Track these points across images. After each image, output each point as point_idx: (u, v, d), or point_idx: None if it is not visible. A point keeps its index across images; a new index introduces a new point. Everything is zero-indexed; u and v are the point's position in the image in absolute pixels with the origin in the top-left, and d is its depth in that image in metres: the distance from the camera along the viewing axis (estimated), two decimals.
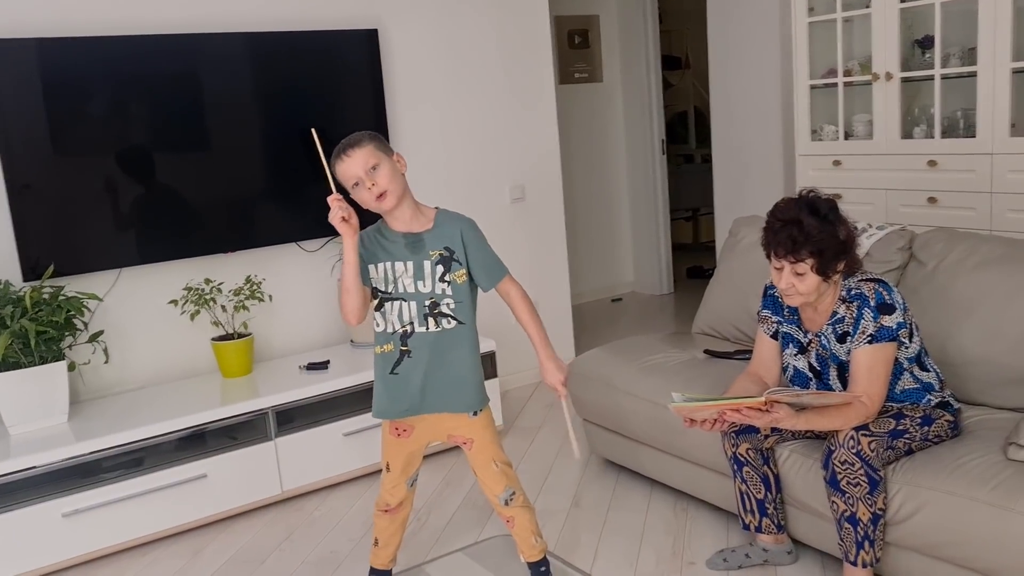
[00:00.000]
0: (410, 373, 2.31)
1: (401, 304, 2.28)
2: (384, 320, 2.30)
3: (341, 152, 2.23)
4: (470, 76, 4.27)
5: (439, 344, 2.29)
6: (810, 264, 2.26)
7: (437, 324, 2.29)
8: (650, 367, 3.19)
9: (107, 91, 3.29)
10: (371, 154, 2.22)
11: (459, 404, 2.36)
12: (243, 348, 3.53)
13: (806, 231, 2.23)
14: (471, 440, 2.40)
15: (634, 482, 3.31)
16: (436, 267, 2.28)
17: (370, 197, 2.21)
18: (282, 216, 3.73)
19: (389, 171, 2.22)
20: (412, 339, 2.29)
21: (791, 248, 2.25)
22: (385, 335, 2.31)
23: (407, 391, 2.32)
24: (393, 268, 2.28)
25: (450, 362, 2.31)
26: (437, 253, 2.28)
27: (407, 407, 2.34)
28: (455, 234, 2.30)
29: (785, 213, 2.28)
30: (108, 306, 3.41)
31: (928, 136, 3.84)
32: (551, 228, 4.60)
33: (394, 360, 2.31)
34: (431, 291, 2.27)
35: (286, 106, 3.68)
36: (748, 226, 3.66)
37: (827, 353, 2.40)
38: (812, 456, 2.49)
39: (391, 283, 2.28)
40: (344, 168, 2.22)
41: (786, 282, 2.30)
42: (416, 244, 2.28)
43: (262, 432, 3.30)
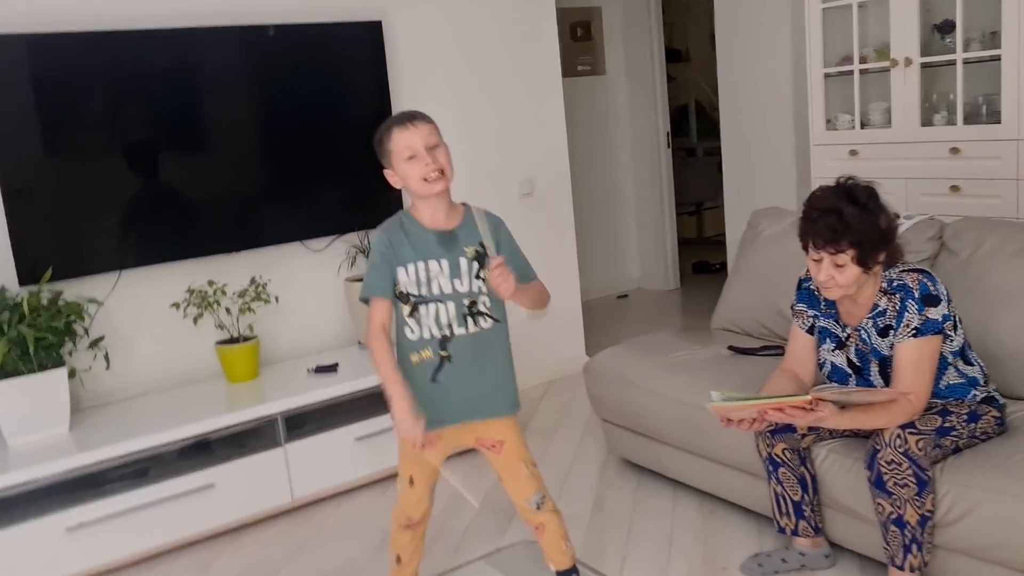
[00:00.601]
0: (452, 379, 2.16)
1: (438, 306, 2.13)
2: (419, 326, 2.15)
3: (405, 120, 2.09)
4: (476, 69, 4.15)
5: (479, 345, 2.17)
6: (851, 255, 2.15)
7: (476, 324, 2.16)
8: (674, 365, 3.08)
9: (102, 88, 3.17)
10: (434, 132, 2.11)
11: (504, 407, 2.24)
12: (249, 352, 3.41)
13: (846, 221, 2.13)
14: (501, 442, 2.26)
15: (657, 484, 3.20)
16: (472, 264, 2.15)
17: (422, 173, 2.06)
18: (287, 215, 3.60)
19: (447, 153, 2.12)
20: (452, 343, 2.15)
21: (831, 238, 2.14)
22: (421, 342, 2.15)
23: (450, 399, 2.17)
24: (427, 268, 2.13)
25: (491, 362, 2.20)
26: (472, 250, 2.15)
27: (451, 416, 2.19)
28: (487, 229, 2.17)
29: (823, 202, 2.17)
30: (108, 310, 3.29)
31: (949, 123, 3.74)
32: (560, 223, 4.48)
33: (434, 367, 2.15)
34: (468, 289, 2.14)
35: (288, 101, 3.55)
36: (768, 218, 3.55)
37: (868, 348, 2.29)
38: (852, 456, 2.38)
39: (424, 285, 2.13)
40: (404, 137, 2.07)
41: (825, 274, 2.19)
42: (450, 241, 2.15)
43: (271, 439, 3.19)
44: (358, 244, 3.71)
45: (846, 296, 2.28)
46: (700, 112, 8.94)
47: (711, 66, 9.04)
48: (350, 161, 3.72)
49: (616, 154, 6.24)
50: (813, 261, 2.23)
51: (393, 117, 2.13)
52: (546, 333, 4.44)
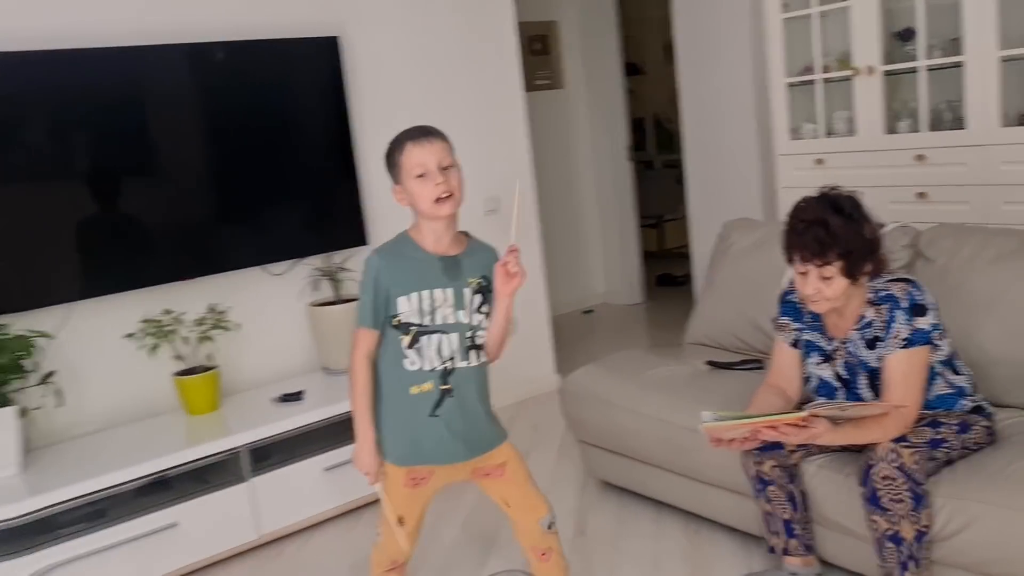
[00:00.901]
0: (452, 414, 2.04)
1: (441, 337, 2.01)
2: (420, 357, 2.01)
3: (420, 135, 1.96)
4: (437, 85, 4.07)
5: (477, 378, 2.07)
6: (838, 267, 2.10)
7: (478, 357, 2.06)
8: (652, 382, 3.00)
9: (44, 111, 3.01)
10: (448, 152, 1.98)
11: (498, 437, 2.14)
12: (209, 382, 3.27)
13: (832, 232, 2.08)
14: (502, 464, 2.14)
15: (639, 505, 3.12)
16: (475, 296, 2.03)
17: (432, 193, 1.93)
18: (245, 239, 3.47)
19: (459, 175, 2.00)
20: (454, 376, 2.03)
21: (818, 251, 2.09)
22: (421, 374, 2.02)
23: (449, 435, 2.05)
24: (432, 297, 1.99)
25: (480, 401, 2.09)
26: (475, 281, 2.03)
27: (450, 453, 2.07)
28: (489, 264, 2.05)
29: (809, 213, 2.12)
30: (60, 344, 3.12)
31: (914, 130, 3.74)
32: (527, 240, 4.40)
33: (434, 401, 2.02)
34: (470, 322, 2.03)
35: (243, 121, 3.43)
36: (739, 230, 3.52)
37: (856, 360, 2.24)
38: (842, 471, 2.32)
39: (428, 314, 2.00)
40: (417, 153, 1.94)
41: (812, 287, 2.14)
42: (454, 269, 2.02)
43: (235, 473, 3.04)
44: (321, 267, 3.59)
45: (832, 308, 2.23)
46: (657, 125, 8.97)
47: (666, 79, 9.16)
48: (309, 182, 3.61)
49: (577, 168, 6.19)
50: (799, 274, 2.17)
51: (407, 130, 2.00)
52: (515, 352, 4.30)
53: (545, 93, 5.91)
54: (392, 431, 2.07)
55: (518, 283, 1.98)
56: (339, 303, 3.53)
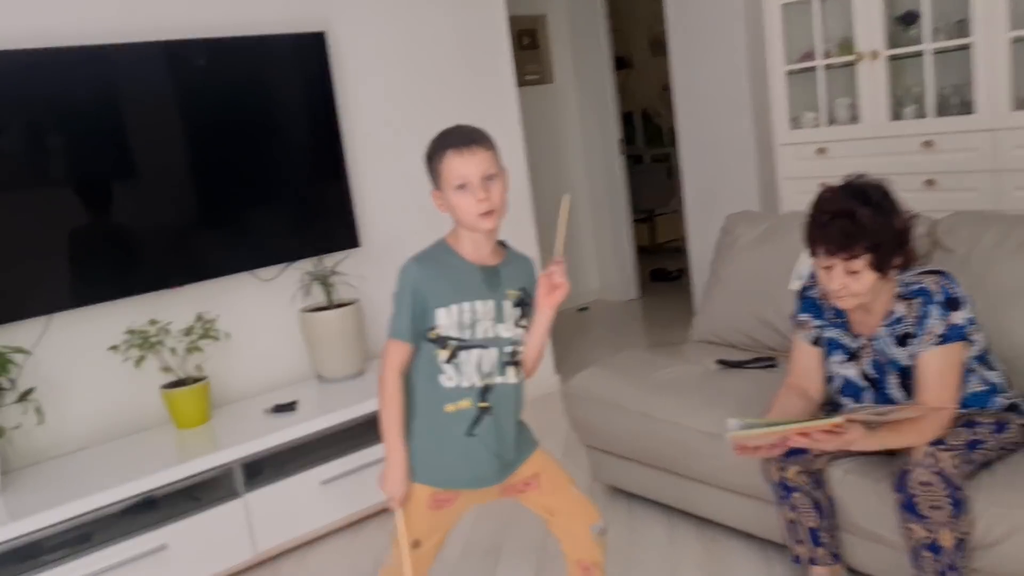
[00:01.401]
0: (488, 434, 1.90)
1: (481, 352, 1.86)
2: (458, 373, 1.87)
3: (462, 144, 1.81)
4: (427, 81, 3.93)
5: (515, 396, 1.94)
6: (866, 260, 1.98)
7: (517, 374, 1.93)
8: (661, 384, 2.88)
9: (14, 113, 2.84)
10: (493, 161, 1.83)
11: (528, 449, 2.01)
12: (198, 394, 3.12)
13: (860, 223, 1.95)
14: (536, 475, 2.00)
15: (650, 511, 3.00)
16: (515, 309, 1.89)
17: (473, 208, 1.79)
18: (232, 243, 3.32)
19: (503, 187, 1.85)
20: (492, 393, 1.89)
21: (844, 244, 1.97)
22: (459, 391, 1.87)
23: (485, 456, 1.91)
24: (473, 309, 1.85)
25: (517, 414, 1.98)
26: (515, 293, 1.89)
27: (484, 476, 1.94)
28: (528, 276, 1.93)
29: (834, 204, 2.00)
30: (39, 358, 2.96)
31: (920, 116, 3.64)
32: (523, 238, 4.27)
33: (471, 419, 1.88)
34: (512, 336, 1.89)
35: (227, 121, 3.28)
36: (744, 223, 3.40)
37: (885, 359, 2.13)
38: (871, 476, 2.21)
39: (468, 328, 1.85)
40: (458, 163, 1.80)
41: (838, 282, 2.02)
42: (493, 280, 1.87)
43: (228, 489, 2.90)
44: (312, 271, 3.45)
45: (859, 304, 2.11)
46: (645, 119, 8.86)
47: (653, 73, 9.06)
48: (298, 183, 3.46)
49: (568, 163, 6.07)
50: (823, 269, 2.05)
51: (450, 134, 1.85)
52: None
53: (535, 88, 5.77)
54: (423, 450, 1.92)
55: (562, 295, 1.86)
56: (332, 308, 3.39)
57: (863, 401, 2.20)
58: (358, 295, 3.55)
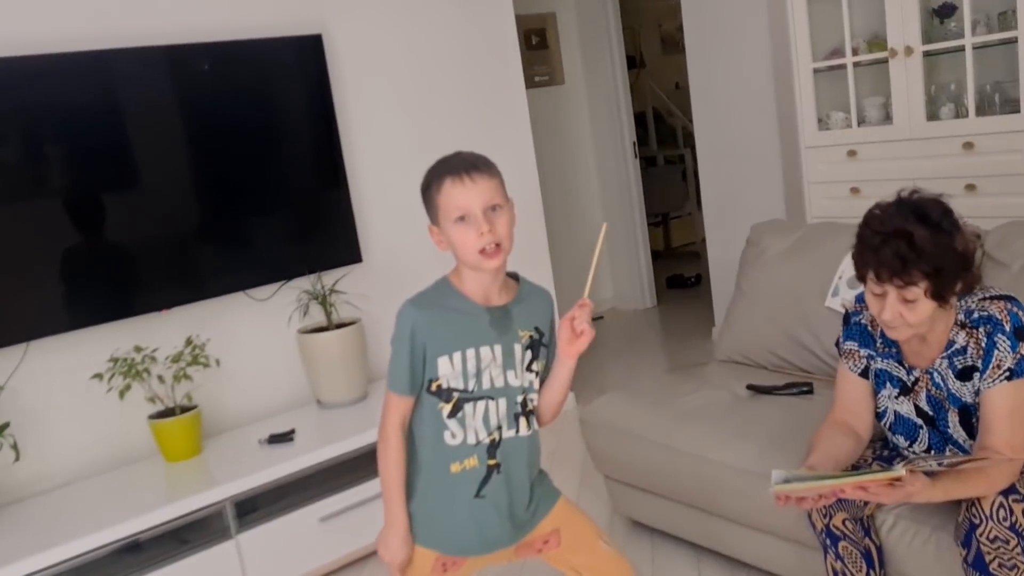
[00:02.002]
0: (499, 493, 1.70)
1: (487, 404, 1.66)
2: (463, 429, 1.67)
3: (462, 171, 1.60)
4: (431, 84, 3.71)
5: (529, 449, 1.74)
6: (923, 288, 1.74)
7: (528, 425, 1.72)
8: (686, 413, 2.66)
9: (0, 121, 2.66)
10: (498, 190, 1.63)
11: (548, 501, 1.81)
12: (188, 425, 2.91)
13: (918, 247, 1.72)
14: (557, 531, 1.80)
15: (674, 548, 2.78)
16: (525, 352, 1.69)
17: (475, 243, 1.59)
18: (224, 261, 3.12)
19: (510, 220, 1.64)
20: (501, 449, 1.69)
21: (899, 269, 1.73)
22: (465, 448, 1.67)
23: (496, 519, 1.71)
24: (478, 356, 1.65)
25: (531, 472, 1.77)
26: (527, 335, 1.70)
27: (495, 539, 1.73)
28: (545, 312, 1.74)
29: (887, 224, 1.76)
30: (14, 389, 2.76)
31: (959, 115, 3.40)
32: (534, 247, 4.05)
33: (479, 479, 1.69)
34: (521, 384, 1.69)
35: (219, 130, 3.07)
36: (771, 233, 3.17)
37: (943, 393, 1.89)
38: (927, 523, 1.98)
39: (473, 378, 1.65)
40: (457, 193, 1.60)
41: (891, 312, 1.78)
42: (503, 321, 1.67)
43: (219, 530, 2.69)
44: (310, 289, 3.23)
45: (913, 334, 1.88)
46: (657, 119, 8.61)
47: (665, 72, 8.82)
48: (295, 193, 3.25)
49: (581, 167, 5.84)
50: (874, 296, 1.82)
51: (448, 161, 1.65)
52: None
53: (545, 90, 5.54)
54: (427, 512, 1.72)
55: (585, 343, 1.64)
56: (332, 329, 3.17)
57: (918, 440, 1.97)
58: (360, 314, 3.33)
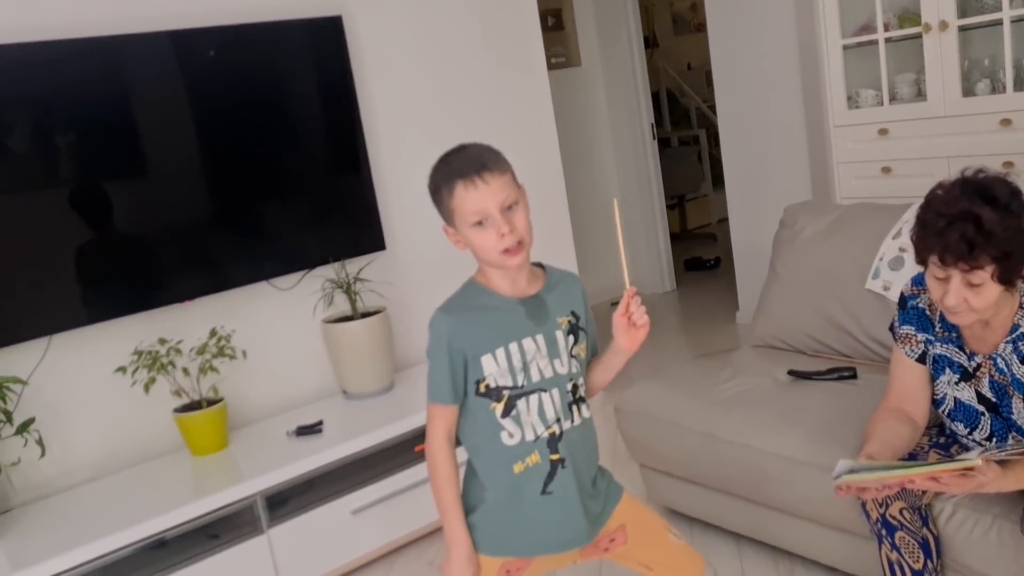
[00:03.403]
0: (568, 488, 1.62)
1: (540, 397, 1.60)
2: (520, 427, 1.60)
3: (473, 174, 1.53)
4: (452, 66, 3.63)
5: (585, 440, 1.67)
6: (990, 272, 1.67)
7: (580, 413, 1.65)
8: (726, 400, 2.59)
9: (8, 111, 2.59)
10: (510, 186, 1.56)
11: (616, 494, 1.75)
12: (215, 418, 2.85)
13: (986, 229, 1.65)
14: (623, 526, 1.74)
15: (714, 537, 2.72)
16: (568, 338, 1.63)
17: (496, 245, 1.54)
18: (247, 251, 3.05)
19: (526, 213, 1.58)
20: (563, 441, 1.61)
21: (966, 253, 1.66)
22: (525, 445, 1.61)
23: (566, 515, 1.64)
24: (521, 350, 1.59)
25: (593, 463, 1.71)
26: (565, 320, 1.64)
27: (570, 537, 1.66)
28: (576, 297, 1.68)
29: (952, 205, 1.69)
30: (38, 385, 2.70)
31: (995, 91, 3.31)
32: (557, 232, 3.98)
33: (544, 475, 1.61)
34: (569, 370, 1.63)
35: (238, 116, 3.00)
36: (806, 214, 3.09)
37: (1007, 378, 1.83)
38: (989, 512, 1.92)
39: (521, 372, 1.59)
40: (472, 199, 1.53)
41: (956, 297, 1.71)
42: (539, 311, 1.62)
43: (250, 524, 2.64)
44: (334, 278, 3.17)
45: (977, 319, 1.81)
46: (670, 100, 8.51)
47: (677, 52, 8.71)
48: (316, 180, 3.19)
49: (598, 149, 5.75)
50: (936, 280, 1.75)
51: (454, 162, 1.58)
52: None
53: (561, 72, 5.45)
54: (495, 521, 1.65)
55: (644, 334, 1.59)
56: (357, 318, 3.11)
57: (979, 427, 1.90)
58: (385, 303, 3.27)
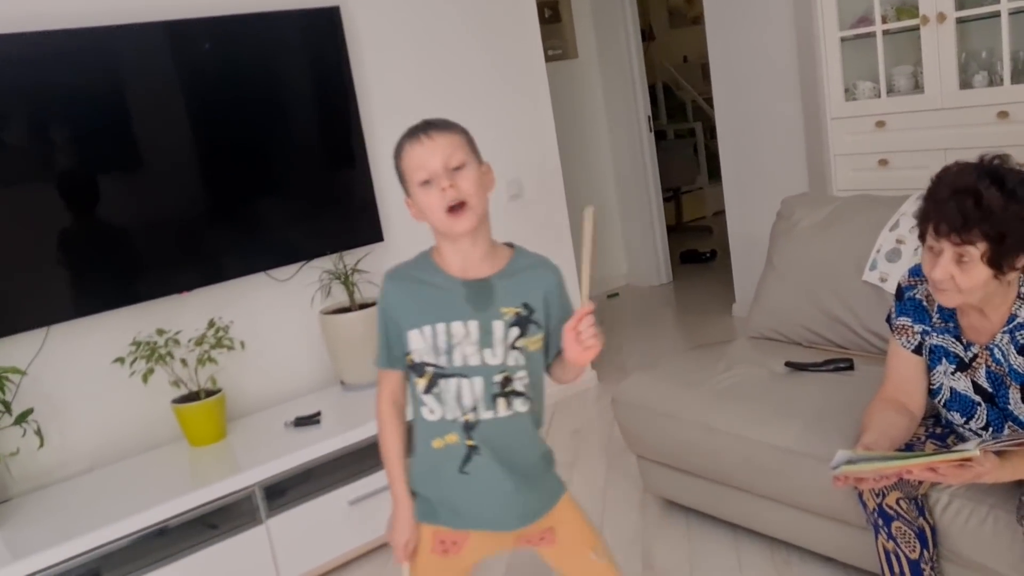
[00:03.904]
0: (486, 473, 1.62)
1: (460, 382, 1.59)
2: (440, 405, 1.61)
3: (419, 131, 1.54)
4: (449, 56, 3.62)
5: (512, 431, 1.63)
6: (981, 250, 1.69)
7: (509, 406, 1.61)
8: (723, 391, 2.60)
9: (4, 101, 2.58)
10: (459, 146, 1.55)
11: (548, 499, 1.71)
12: (213, 409, 2.85)
13: (985, 206, 1.66)
14: (551, 529, 1.72)
15: (711, 529, 2.73)
16: (510, 330, 1.58)
17: (439, 202, 1.52)
18: (244, 242, 3.05)
19: (475, 176, 1.56)
20: (478, 430, 1.60)
21: (959, 224, 1.68)
22: (443, 424, 1.61)
23: (487, 497, 1.64)
24: (448, 331, 1.58)
25: (527, 450, 1.67)
26: (512, 311, 1.58)
27: (490, 518, 1.67)
28: (539, 288, 1.61)
29: (959, 180, 1.71)
30: (36, 375, 2.70)
31: (993, 84, 3.32)
32: (555, 226, 3.98)
33: (462, 456, 1.62)
34: (502, 362, 1.59)
35: (232, 107, 2.99)
36: (804, 206, 3.10)
37: (1004, 369, 1.84)
38: (984, 501, 1.93)
39: (443, 353, 1.59)
40: (416, 153, 1.54)
41: (943, 271, 1.73)
42: (482, 295, 1.58)
43: (249, 515, 2.65)
44: (332, 269, 3.17)
45: (972, 307, 1.82)
46: (666, 92, 8.51)
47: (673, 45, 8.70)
48: (313, 172, 3.18)
49: (593, 142, 5.75)
50: (930, 252, 1.76)
51: (410, 128, 1.59)
52: None
53: (558, 64, 5.44)
54: (419, 487, 1.69)
55: (593, 355, 1.51)
56: (355, 309, 3.11)
57: (975, 416, 1.92)
58: None
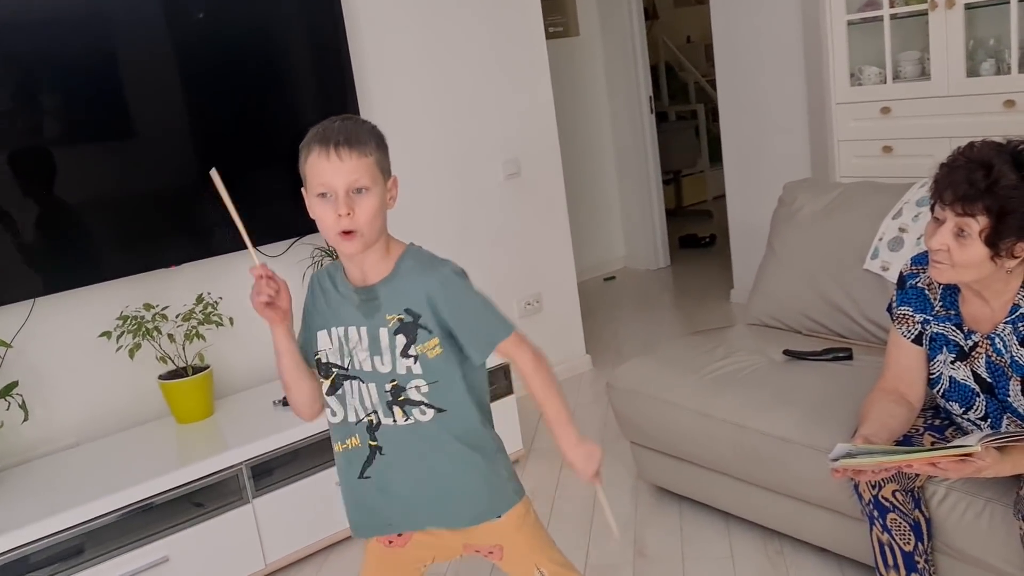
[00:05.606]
0: (388, 475, 1.58)
1: (360, 385, 1.55)
2: (343, 407, 1.58)
3: (330, 144, 1.46)
4: (449, 31, 3.56)
5: (414, 440, 1.56)
6: (981, 224, 1.66)
7: (406, 415, 1.55)
8: (720, 379, 2.56)
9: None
10: (366, 171, 1.46)
11: (461, 518, 1.64)
12: (200, 386, 2.82)
13: (994, 179, 1.64)
14: (499, 547, 1.67)
15: (703, 517, 2.70)
16: (395, 337, 1.52)
17: (332, 224, 1.46)
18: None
19: (375, 205, 1.47)
20: (382, 432, 1.57)
21: (965, 194, 1.65)
22: (347, 426, 1.58)
23: (389, 500, 1.61)
24: (346, 336, 1.55)
25: (432, 465, 1.58)
26: (395, 318, 1.52)
27: (391, 521, 1.64)
28: (419, 292, 1.52)
29: (977, 153, 1.69)
30: (21, 348, 2.66)
31: (1000, 72, 3.26)
32: (552, 206, 3.93)
33: (363, 459, 1.58)
34: (392, 370, 1.53)
35: (228, 80, 2.93)
36: (806, 192, 3.05)
37: (1005, 360, 1.80)
38: (980, 495, 1.90)
39: (347, 356, 1.55)
40: (321, 168, 1.46)
41: (940, 241, 1.70)
42: (369, 304, 1.53)
43: (235, 493, 2.61)
44: (324, 246, 3.12)
45: (973, 294, 1.78)
46: (668, 73, 8.42)
47: (676, 25, 8.60)
48: None
49: (594, 122, 5.69)
50: (934, 221, 1.74)
51: (327, 126, 1.50)
52: (540, 331, 3.89)
53: (559, 42, 5.37)
54: (344, 494, 1.68)
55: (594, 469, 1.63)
56: None
57: (974, 407, 1.88)
58: None
